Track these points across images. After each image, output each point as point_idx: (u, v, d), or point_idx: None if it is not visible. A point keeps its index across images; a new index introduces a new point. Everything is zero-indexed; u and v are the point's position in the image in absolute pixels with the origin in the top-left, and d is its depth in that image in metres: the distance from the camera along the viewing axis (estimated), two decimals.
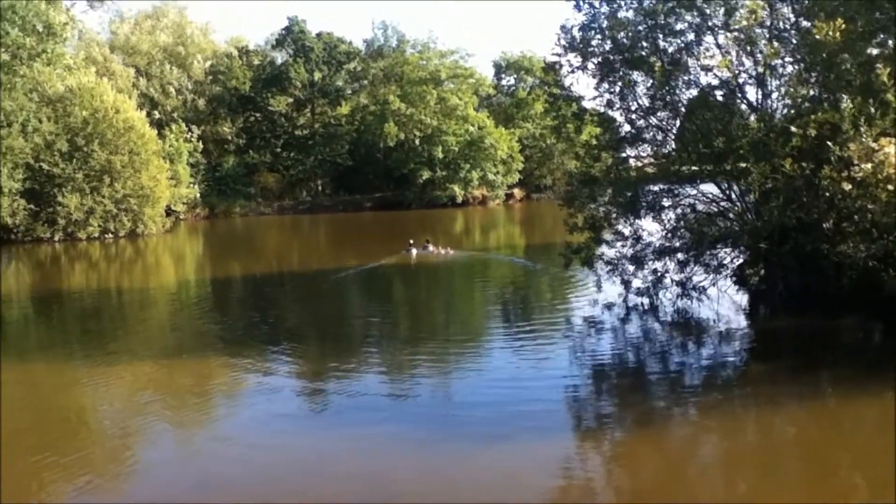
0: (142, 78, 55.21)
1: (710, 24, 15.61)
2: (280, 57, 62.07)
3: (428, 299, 20.79)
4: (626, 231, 16.49)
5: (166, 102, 56.38)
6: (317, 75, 59.83)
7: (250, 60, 61.53)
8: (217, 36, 65.04)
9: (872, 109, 10.86)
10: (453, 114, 58.19)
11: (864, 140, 10.95)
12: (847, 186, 11.74)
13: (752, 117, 15.67)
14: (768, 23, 14.95)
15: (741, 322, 15.05)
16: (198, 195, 50.41)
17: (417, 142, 57.68)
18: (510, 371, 11.95)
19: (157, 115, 53.54)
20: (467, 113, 58.48)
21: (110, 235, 38.26)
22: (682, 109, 16.66)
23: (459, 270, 25.83)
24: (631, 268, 16.12)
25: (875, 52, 14.07)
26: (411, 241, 27.84)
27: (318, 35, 61.30)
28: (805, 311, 13.95)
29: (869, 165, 11.07)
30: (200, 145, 52.73)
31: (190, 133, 51.88)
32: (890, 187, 10.96)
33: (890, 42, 14.00)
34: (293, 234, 45.30)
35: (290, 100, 60.32)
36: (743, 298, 15.85)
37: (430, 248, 27.64)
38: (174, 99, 57.22)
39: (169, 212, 43.92)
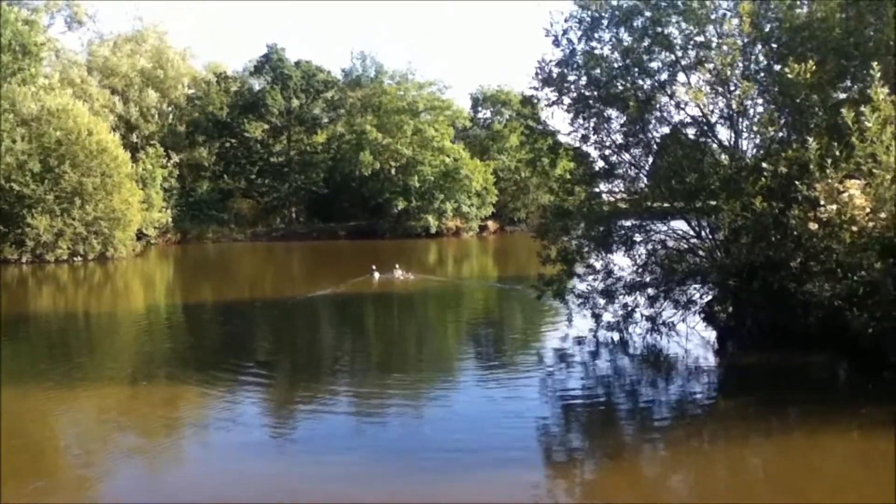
0: (119, 100, 54.94)
1: (684, 63, 15.94)
2: (258, 84, 62.21)
3: (400, 327, 20.75)
4: (598, 265, 16.61)
5: (144, 126, 56.14)
6: (294, 103, 60.02)
7: (228, 86, 61.62)
8: (196, 61, 65.16)
9: (838, 152, 11.09)
10: (429, 145, 58.60)
11: (829, 181, 11.18)
12: (814, 226, 11.94)
13: (723, 156, 15.95)
14: (741, 64, 15.29)
15: (710, 358, 15.17)
16: (170, 220, 50.09)
17: (393, 171, 57.96)
18: (480, 403, 11.94)
19: (133, 138, 53.32)
20: (443, 144, 58.89)
21: (79, 258, 37.84)
22: (655, 146, 16.92)
23: (433, 298, 25.92)
24: (602, 301, 16.22)
25: (842, 95, 14.46)
26: (374, 266, 28.21)
27: (297, 63, 61.61)
28: (773, 348, 14.08)
29: (834, 206, 11.29)
30: (176, 171, 52.57)
31: (167, 158, 51.71)
32: (854, 228, 11.18)
33: (856, 87, 14.39)
34: (266, 260, 45.06)
35: (267, 126, 60.41)
36: (711, 335, 15.97)
37: (397, 273, 28.01)
38: (152, 123, 57.01)
39: (140, 236, 43.56)
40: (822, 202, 11.52)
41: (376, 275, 27.96)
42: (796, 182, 12.15)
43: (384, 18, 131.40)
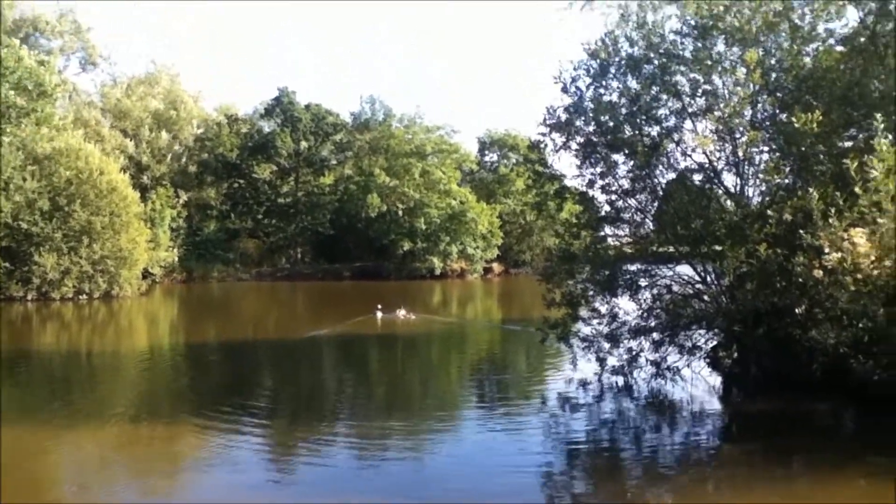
0: (130, 141, 55.60)
1: (691, 110, 16.14)
2: (268, 126, 62.95)
3: (403, 369, 20.67)
4: (603, 309, 16.64)
5: (155, 167, 56.72)
6: (303, 145, 60.65)
7: (238, 128, 62.35)
8: (207, 103, 66.11)
9: (842, 200, 11.18)
10: (436, 187, 59.02)
11: (833, 229, 11.24)
12: (818, 274, 11.98)
13: (729, 202, 16.05)
14: (748, 112, 15.48)
15: (714, 404, 15.07)
16: (176, 259, 50.30)
17: (400, 213, 58.29)
18: (483, 448, 11.83)
19: (144, 178, 53.90)
20: (450, 187, 59.33)
21: (84, 296, 37.88)
22: (661, 192, 17.05)
23: (436, 339, 25.88)
24: (606, 345, 16.21)
25: (848, 144, 14.60)
26: (379, 306, 28.27)
27: (307, 106, 62.40)
28: (778, 394, 14.01)
29: (838, 254, 11.34)
30: (185, 211, 53.00)
31: (177, 198, 52.13)
32: (858, 276, 11.21)
33: (861, 136, 14.53)
34: (270, 300, 45.09)
35: (275, 168, 60.96)
36: (716, 380, 15.90)
37: (400, 312, 28.10)
38: (163, 164, 57.63)
39: (145, 275, 43.69)
40: (826, 250, 11.57)
41: (380, 314, 28.02)
42: (801, 230, 12.21)
43: (394, 61, 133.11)
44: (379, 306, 28.82)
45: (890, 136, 11.60)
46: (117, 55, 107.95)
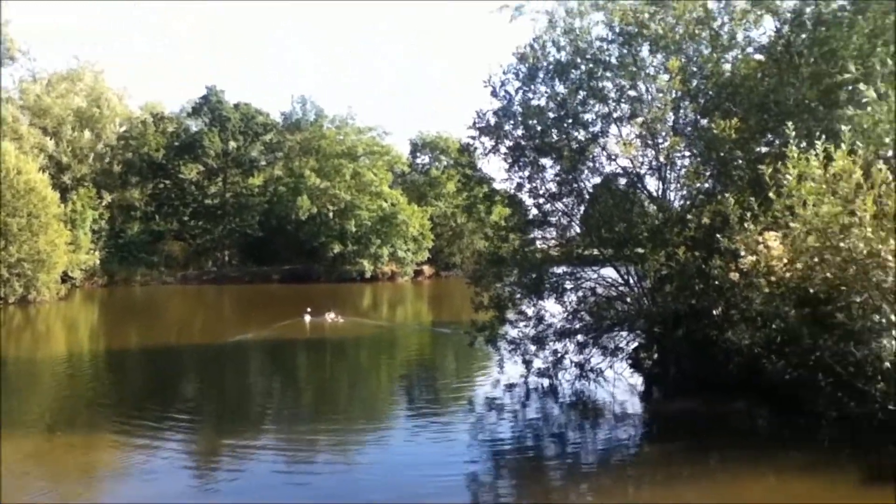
0: (50, 140, 53.62)
1: (616, 116, 16.43)
2: (195, 125, 61.62)
3: (332, 374, 20.47)
4: (530, 312, 16.79)
5: (76, 167, 54.83)
6: (232, 145, 59.62)
7: (164, 127, 60.86)
8: (133, 101, 64.22)
9: (756, 205, 11.52)
10: (367, 189, 58.78)
11: (748, 233, 11.57)
12: (734, 276, 12.32)
13: (651, 206, 16.40)
14: (671, 118, 15.85)
15: (636, 404, 15.38)
16: (97, 262, 48.77)
17: (331, 215, 57.83)
18: (411, 451, 11.86)
19: (65, 178, 52.06)
20: (381, 189, 59.13)
21: None
22: (587, 195, 17.30)
23: (365, 343, 25.74)
24: (533, 348, 16.37)
25: (764, 150, 15.06)
26: (308, 309, 28.02)
27: (236, 105, 61.39)
28: (696, 394, 14.38)
29: (753, 257, 11.68)
30: (107, 212, 51.40)
31: (100, 199, 50.50)
32: (772, 278, 11.57)
33: (777, 143, 15.02)
34: (195, 303, 44.08)
35: (203, 168, 59.71)
36: (638, 381, 16.25)
37: (329, 316, 27.89)
38: (85, 164, 55.74)
39: (65, 278, 42.20)
40: (742, 253, 11.90)
41: (308, 318, 27.72)
42: (718, 234, 12.55)
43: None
44: (308, 310, 28.56)
45: (804, 143, 12.03)
46: (36, 52, 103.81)
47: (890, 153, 11.41)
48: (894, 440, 10.39)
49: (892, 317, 10.53)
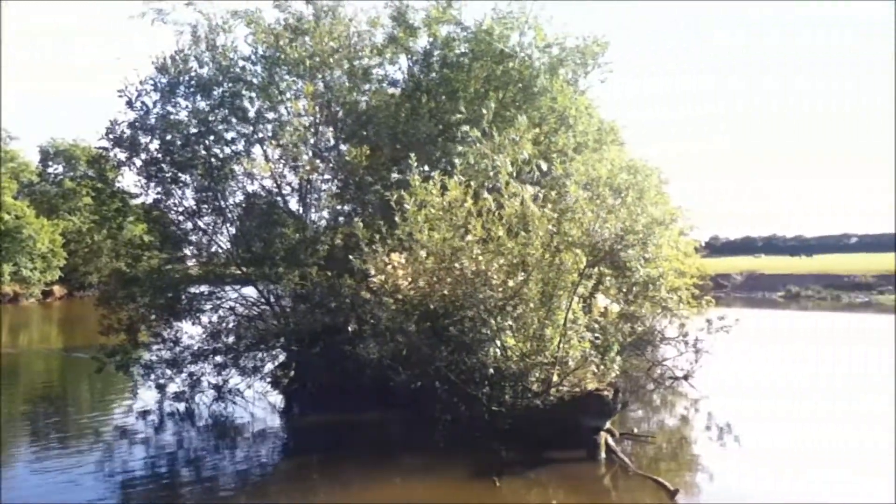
0: None
1: (259, 136, 16.56)
2: None
3: None
4: (166, 334, 16.16)
5: None
6: None
7: None
8: None
9: (385, 229, 12.40)
10: None
11: (377, 254, 12.44)
12: (366, 295, 13.16)
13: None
14: (312, 141, 16.38)
15: (275, 422, 15.53)
16: None
17: None
18: (31, 490, 10.69)
19: None
20: (3, 200, 52.51)
21: None
22: (230, 214, 17.18)
23: None
24: (169, 372, 15.78)
25: (397, 177, 16.26)
26: None
27: None
28: (334, 407, 14.97)
29: (381, 277, 12.60)
30: None
31: None
32: (399, 296, 12.57)
33: (406, 171, 16.31)
34: None
35: None
36: (278, 399, 16.45)
37: None
38: None
39: None
40: (372, 272, 12.74)
41: None
42: (350, 254, 13.28)
43: None
44: None
45: (428, 172, 13.25)
46: None
47: (494, 184, 13.04)
48: (497, 438, 11.85)
49: (495, 328, 12.07)
